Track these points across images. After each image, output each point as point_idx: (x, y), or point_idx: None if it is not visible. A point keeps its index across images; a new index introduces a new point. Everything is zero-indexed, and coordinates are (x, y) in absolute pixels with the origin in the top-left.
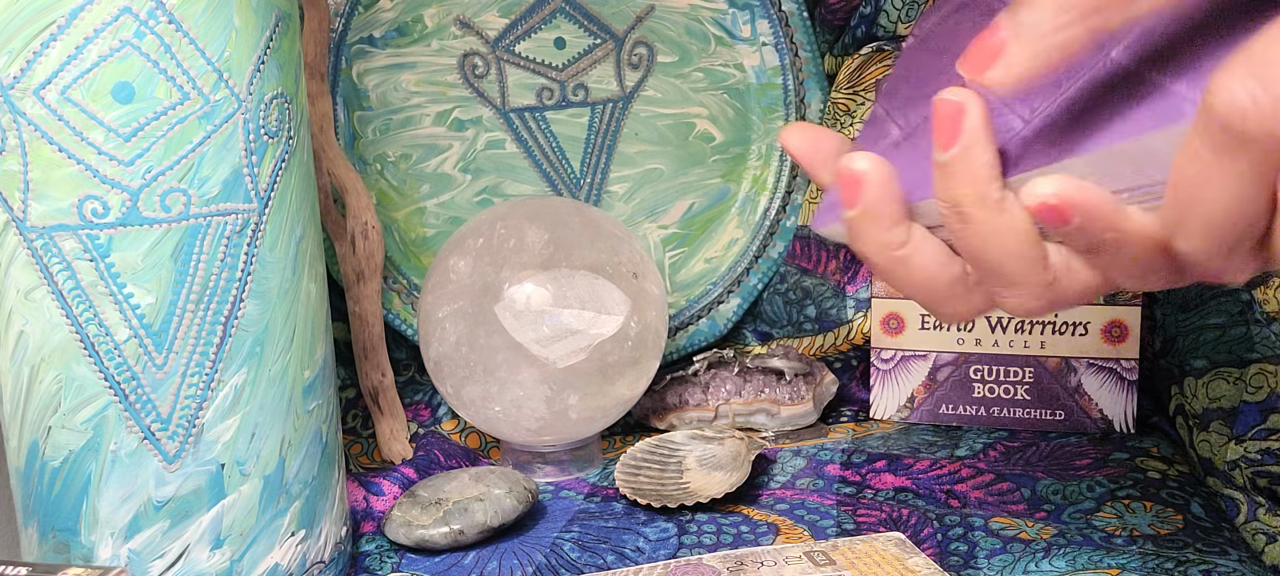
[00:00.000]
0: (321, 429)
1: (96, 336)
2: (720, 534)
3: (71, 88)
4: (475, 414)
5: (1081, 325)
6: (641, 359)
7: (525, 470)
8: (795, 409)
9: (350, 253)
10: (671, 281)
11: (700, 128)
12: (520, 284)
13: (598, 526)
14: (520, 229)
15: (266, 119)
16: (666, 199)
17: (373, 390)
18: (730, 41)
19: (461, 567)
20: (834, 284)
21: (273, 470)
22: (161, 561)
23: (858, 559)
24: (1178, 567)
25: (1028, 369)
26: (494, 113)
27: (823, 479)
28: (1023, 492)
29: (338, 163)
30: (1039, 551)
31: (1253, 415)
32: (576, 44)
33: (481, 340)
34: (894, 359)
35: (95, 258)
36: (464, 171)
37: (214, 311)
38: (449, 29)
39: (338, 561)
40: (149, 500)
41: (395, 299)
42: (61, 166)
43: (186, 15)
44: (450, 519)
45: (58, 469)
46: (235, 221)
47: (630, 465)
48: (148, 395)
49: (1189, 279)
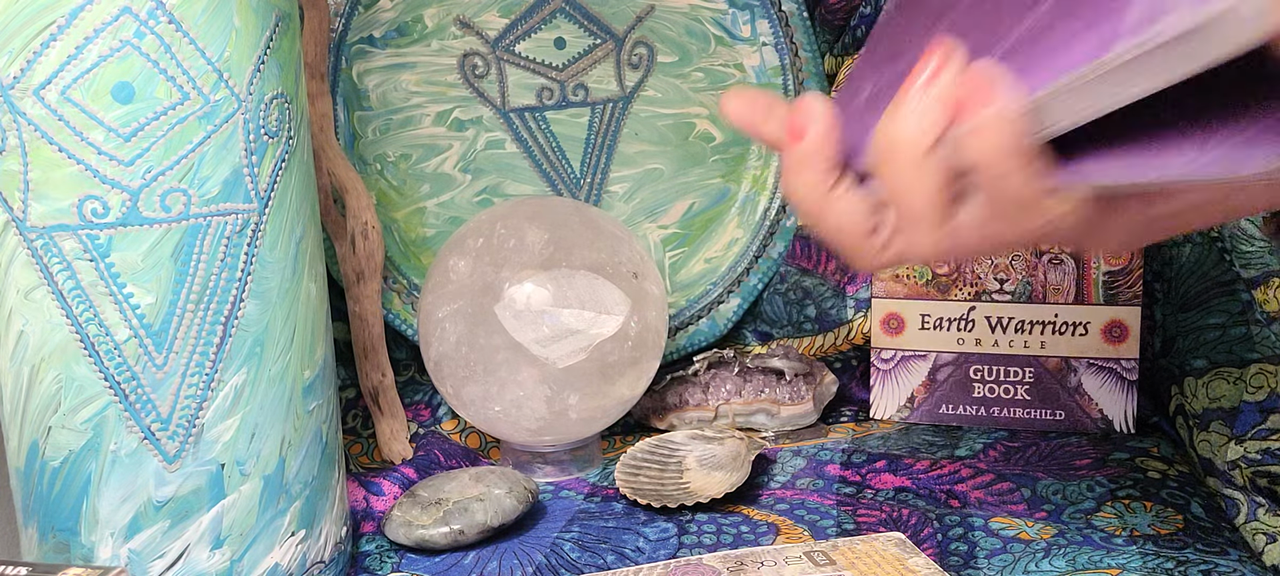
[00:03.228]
0: (321, 429)
1: (96, 336)
2: (720, 534)
3: (71, 88)
4: (475, 414)
5: (1081, 325)
6: (641, 359)
7: (525, 470)
8: (795, 409)
9: (350, 253)
10: (671, 281)
11: (700, 128)
12: (520, 284)
13: (598, 526)
14: (520, 229)
15: (266, 119)
16: (666, 199)
17: (373, 390)
18: (730, 41)
19: (461, 567)
20: (834, 284)
21: (273, 470)
22: (161, 561)
23: (858, 559)
24: (1178, 567)
25: (1028, 369)
26: (494, 113)
27: (823, 479)
28: (1023, 492)
29: (338, 163)
30: (1039, 551)
31: (1253, 415)
32: (576, 44)
33: (481, 340)
34: (894, 359)
35: (95, 258)
36: (464, 171)
37: (214, 311)
38: (449, 29)
39: (338, 561)
40: (149, 500)
41: (395, 299)
42: (61, 166)
43: (186, 15)
44: (450, 519)
45: (58, 469)
46: (235, 221)
47: (630, 465)
48: (148, 395)
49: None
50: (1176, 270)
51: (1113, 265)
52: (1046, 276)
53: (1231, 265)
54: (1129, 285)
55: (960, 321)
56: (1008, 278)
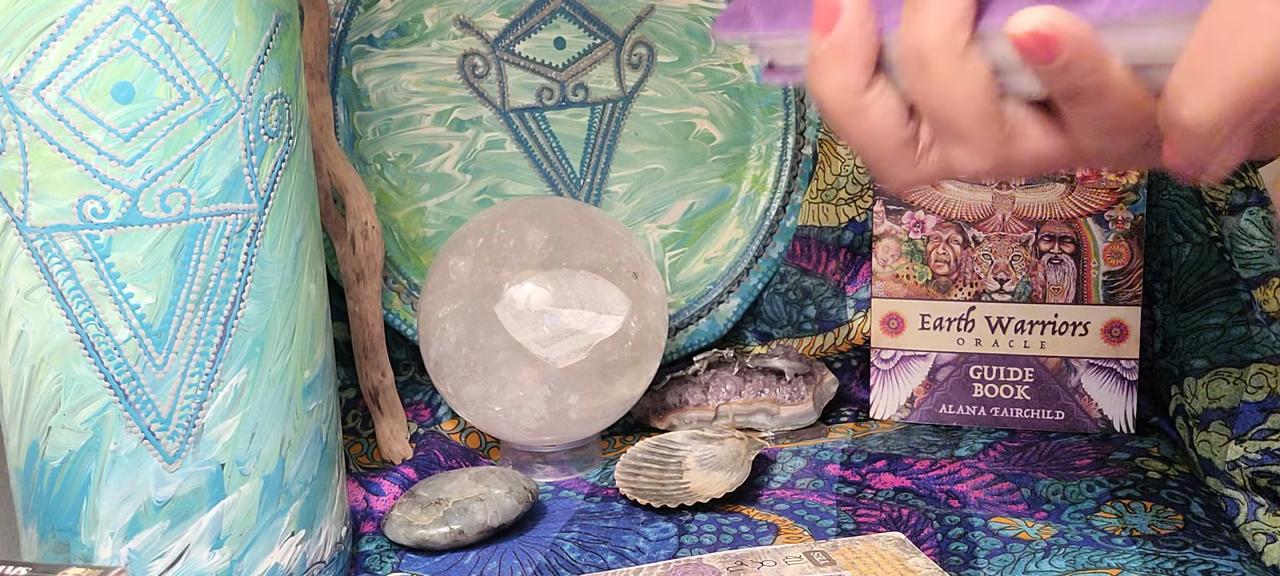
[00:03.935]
0: (321, 429)
1: (96, 336)
2: (720, 534)
3: (71, 88)
4: (475, 414)
5: (1081, 325)
6: (641, 359)
7: (525, 470)
8: (795, 409)
9: (350, 253)
10: (671, 281)
11: (700, 128)
12: (520, 284)
13: (598, 526)
14: (520, 229)
15: (266, 119)
16: (666, 199)
17: (373, 390)
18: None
19: (461, 567)
20: (834, 284)
21: (273, 470)
22: (161, 561)
23: (858, 559)
24: (1178, 567)
25: (1028, 369)
26: (494, 113)
27: (823, 479)
28: (1023, 492)
29: (338, 163)
30: (1039, 551)
31: (1253, 415)
32: (576, 44)
33: (481, 340)
34: (894, 359)
35: (95, 258)
36: (464, 171)
37: (214, 311)
38: (449, 29)
39: (338, 561)
40: (149, 500)
41: (395, 299)
42: (61, 166)
43: (186, 15)
44: (450, 519)
45: (58, 469)
46: (235, 221)
47: (630, 465)
48: (148, 395)
49: (1158, 160)
50: (1176, 270)
51: (1113, 266)
52: (1046, 276)
53: (1231, 265)
54: (1129, 285)
55: (960, 321)
56: (1008, 277)
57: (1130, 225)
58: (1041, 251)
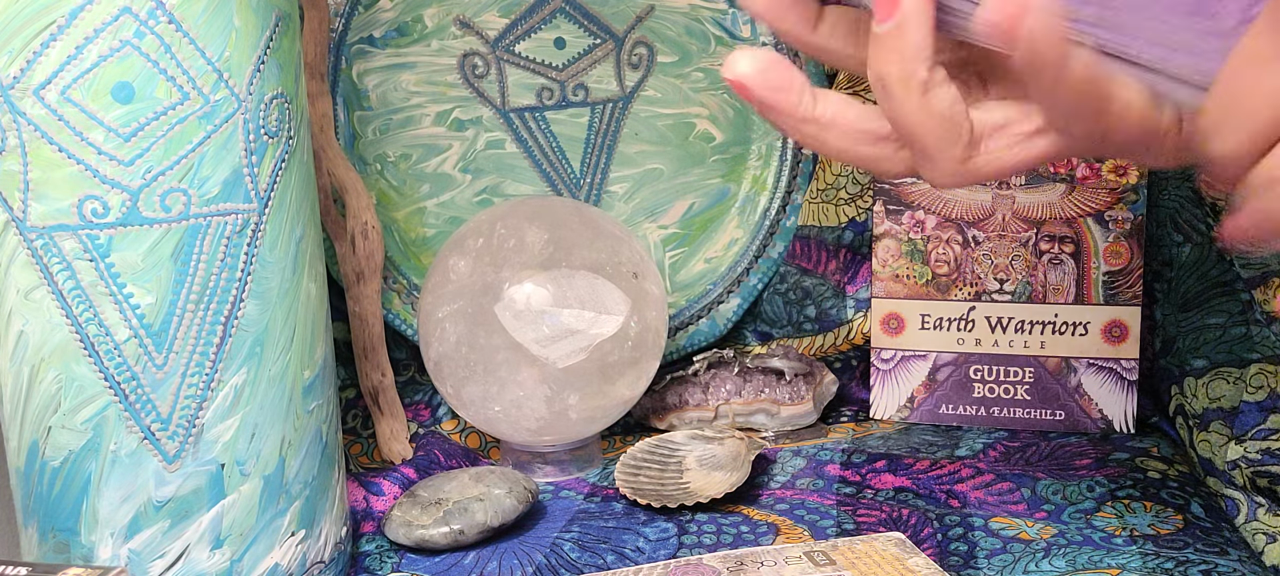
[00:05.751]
0: (321, 429)
1: (96, 336)
2: (720, 534)
3: (71, 88)
4: (475, 414)
5: (1081, 325)
6: (641, 359)
7: (525, 470)
8: (795, 409)
9: (350, 253)
10: (671, 281)
11: (700, 128)
12: (520, 284)
13: (598, 526)
14: (520, 229)
15: (266, 119)
16: (666, 199)
17: (373, 390)
18: (730, 41)
19: (461, 567)
20: (834, 284)
21: (273, 470)
22: (161, 561)
23: (858, 559)
24: (1178, 567)
25: (1028, 369)
26: (494, 113)
27: (823, 479)
28: (1023, 492)
29: (338, 163)
30: (1039, 551)
31: (1253, 415)
32: (576, 44)
33: (481, 340)
34: (894, 359)
35: (95, 258)
36: (464, 171)
37: (214, 311)
38: (449, 29)
39: (338, 561)
40: (149, 500)
41: (395, 299)
42: (61, 166)
43: (186, 15)
44: (450, 519)
45: (58, 469)
46: (235, 221)
47: (630, 465)
48: (148, 395)
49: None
50: (1176, 270)
51: (1113, 266)
52: (1046, 276)
53: (1231, 265)
54: (1129, 285)
55: (960, 321)
56: (1008, 277)
57: (1130, 225)
58: (1041, 251)
